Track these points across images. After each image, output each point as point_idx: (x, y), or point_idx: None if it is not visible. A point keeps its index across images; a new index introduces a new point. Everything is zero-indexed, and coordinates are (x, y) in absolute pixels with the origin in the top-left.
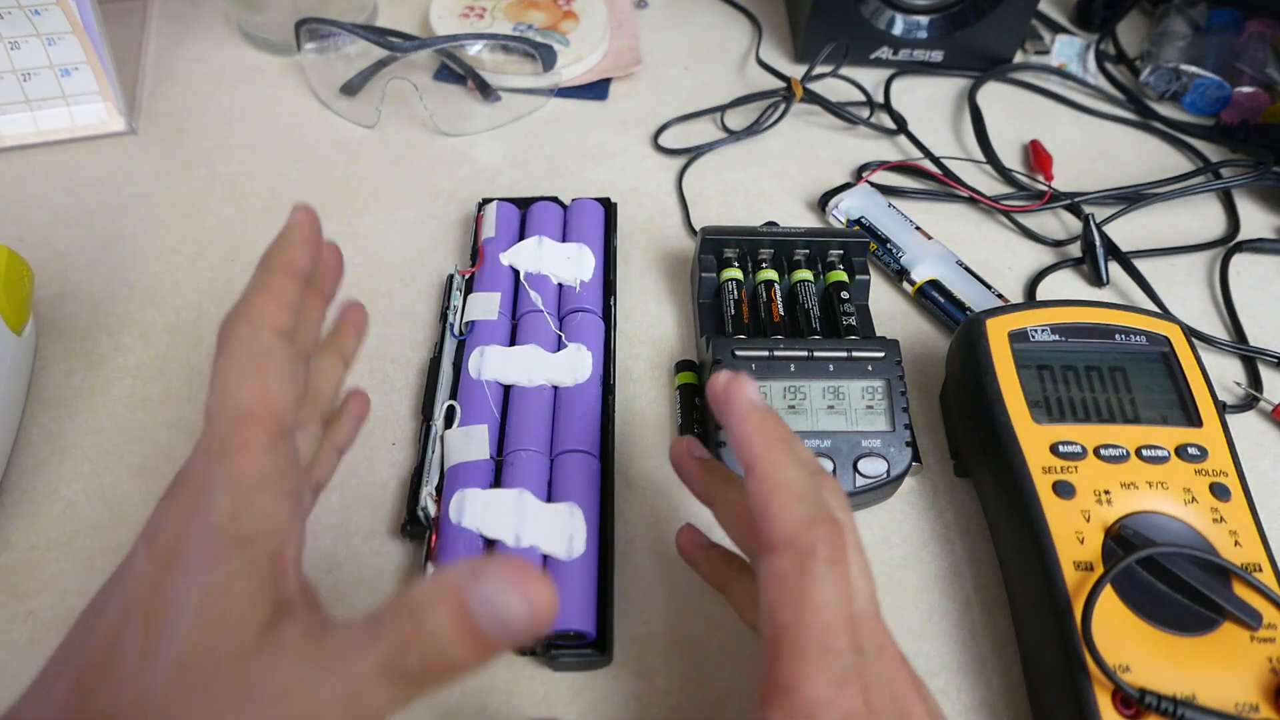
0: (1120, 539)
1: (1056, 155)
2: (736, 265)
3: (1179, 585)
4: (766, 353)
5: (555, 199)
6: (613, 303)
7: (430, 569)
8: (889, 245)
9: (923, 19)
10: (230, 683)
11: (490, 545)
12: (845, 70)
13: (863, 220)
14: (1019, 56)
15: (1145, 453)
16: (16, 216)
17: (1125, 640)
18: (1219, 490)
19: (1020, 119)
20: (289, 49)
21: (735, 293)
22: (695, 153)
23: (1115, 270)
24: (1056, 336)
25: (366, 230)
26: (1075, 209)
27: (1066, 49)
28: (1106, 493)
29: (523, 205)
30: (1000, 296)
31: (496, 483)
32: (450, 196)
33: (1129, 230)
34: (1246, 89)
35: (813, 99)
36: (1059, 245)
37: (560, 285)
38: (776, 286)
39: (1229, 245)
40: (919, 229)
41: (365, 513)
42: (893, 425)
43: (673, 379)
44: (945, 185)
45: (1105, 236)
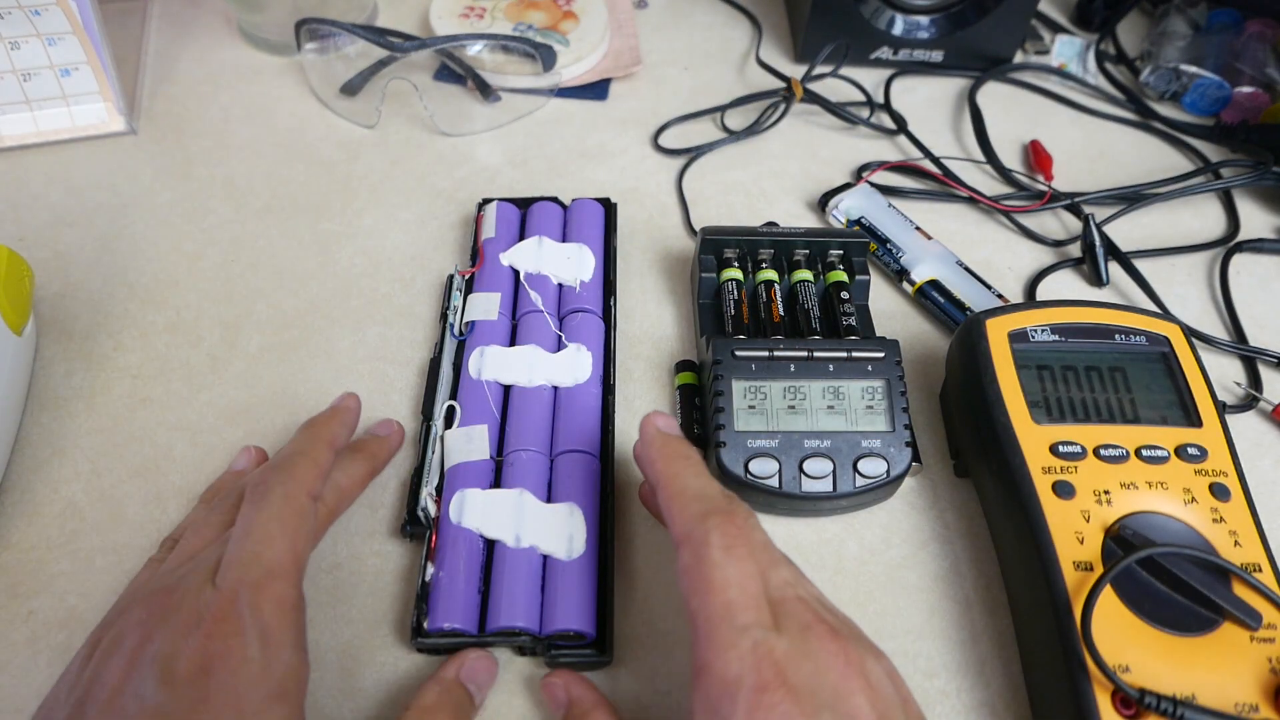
0: (1120, 539)
1: (1056, 155)
2: (736, 265)
3: (1179, 585)
4: (766, 353)
5: (555, 199)
6: (613, 303)
7: (430, 569)
8: (889, 245)
9: (923, 19)
10: None
11: (490, 545)
12: (845, 70)
13: (863, 220)
14: (1019, 56)
15: (1145, 453)
16: (16, 216)
17: (1125, 640)
18: (1219, 490)
19: (1020, 119)
20: (289, 49)
21: (735, 293)
22: (695, 153)
23: (1115, 270)
24: (1056, 337)
25: (366, 230)
26: (1075, 209)
27: (1066, 49)
28: (1106, 493)
29: (523, 205)
30: (1000, 296)
31: (496, 483)
32: (450, 196)
33: (1129, 230)
34: (1246, 89)
35: (813, 99)
36: (1059, 245)
37: (560, 285)
38: (776, 286)
39: (1229, 245)
40: (919, 229)
41: (365, 513)
42: (893, 425)
43: (673, 379)
44: (945, 185)
45: (1105, 236)
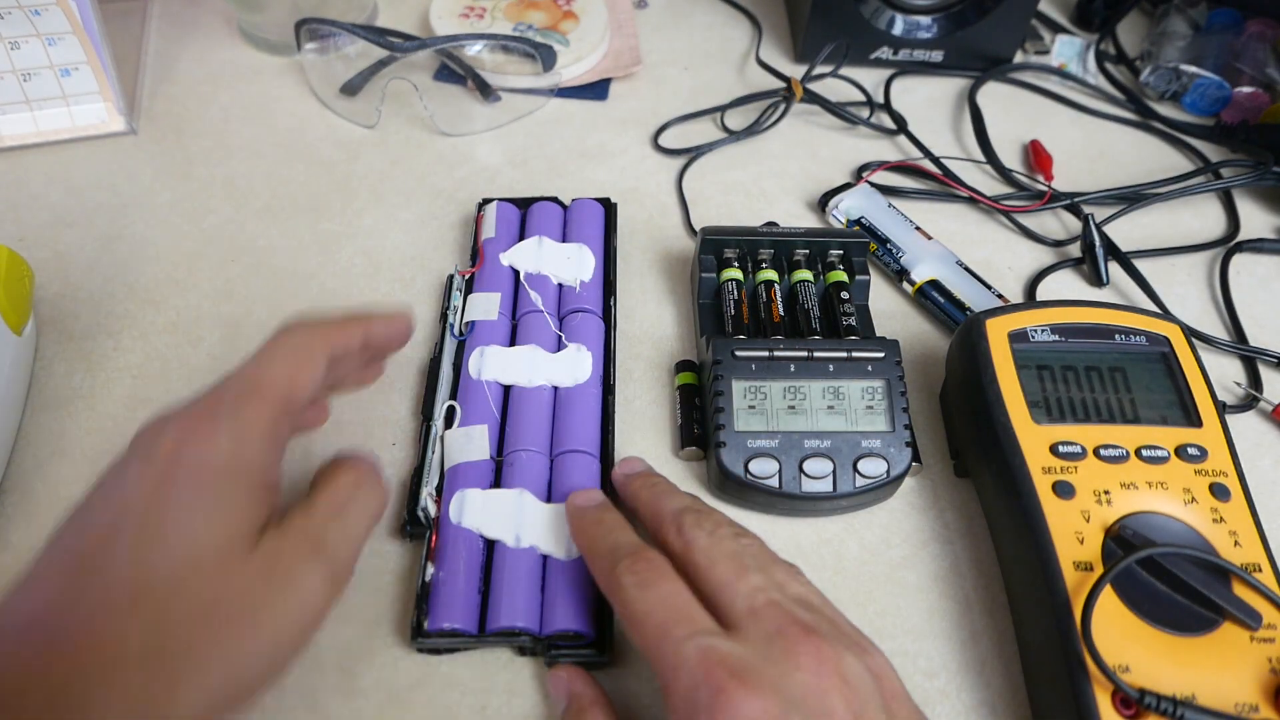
0: (1120, 539)
1: (1056, 155)
2: (736, 265)
3: (1179, 585)
4: (766, 353)
5: (555, 199)
6: (613, 303)
7: (430, 569)
8: (889, 245)
9: (923, 19)
10: (252, 567)
11: (490, 545)
12: (845, 70)
13: (863, 220)
14: (1019, 56)
15: (1145, 453)
16: (16, 216)
17: (1125, 640)
18: (1219, 490)
19: (1020, 119)
20: (289, 49)
21: (735, 293)
22: (695, 153)
23: (1115, 270)
24: (1056, 337)
25: (366, 230)
26: (1075, 209)
27: (1066, 49)
28: (1106, 493)
29: (523, 205)
30: (1000, 296)
31: (496, 483)
32: (450, 196)
33: (1129, 230)
34: (1246, 89)
35: (813, 99)
36: (1059, 245)
37: (560, 285)
38: (776, 287)
39: (1229, 245)
40: (919, 229)
41: None
42: (893, 425)
43: (673, 379)
44: (945, 185)
45: (1105, 236)
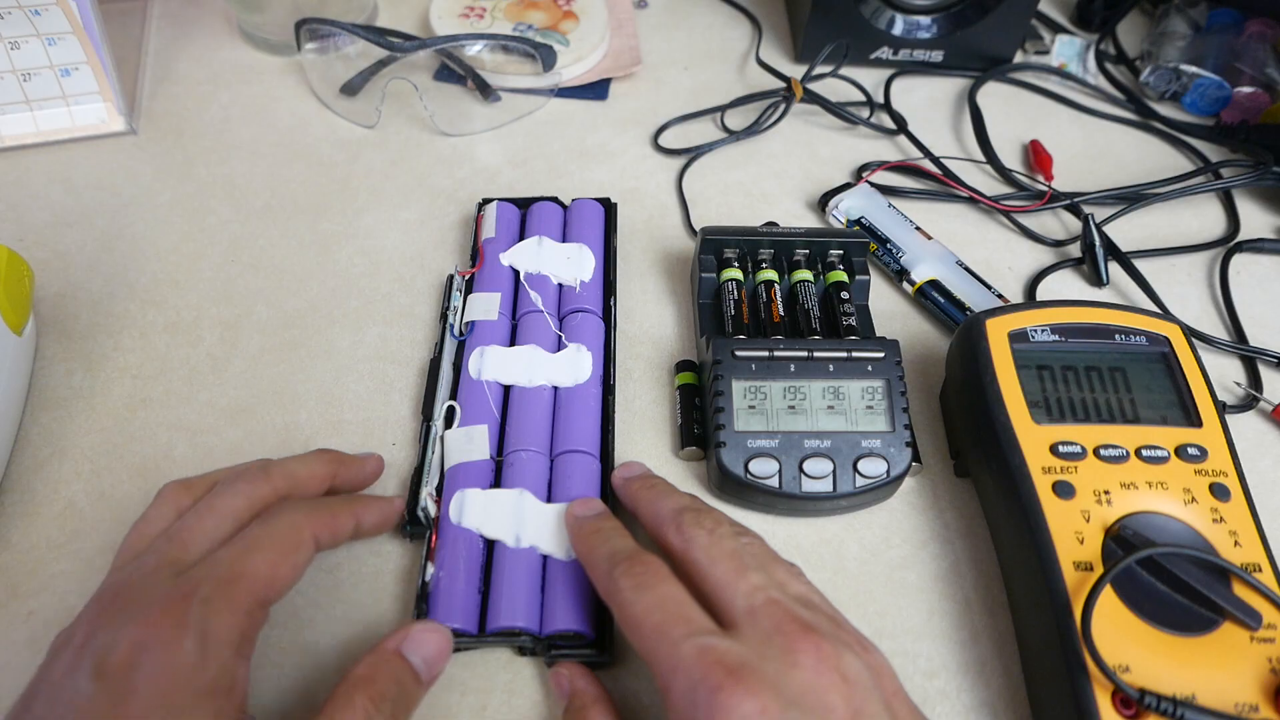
0: (1120, 539)
1: (1056, 155)
2: (736, 265)
3: (1179, 585)
4: (766, 353)
5: (555, 199)
6: (613, 303)
7: (430, 569)
8: (889, 245)
9: (923, 19)
10: None
11: (490, 545)
12: (845, 70)
13: (863, 220)
14: (1019, 56)
15: (1145, 453)
16: (16, 216)
17: (1125, 640)
18: (1219, 490)
19: (1020, 119)
20: (289, 49)
21: (735, 293)
22: (695, 153)
23: (1115, 270)
24: (1056, 337)
25: (366, 230)
26: (1075, 209)
27: (1066, 49)
28: (1106, 493)
29: (523, 205)
30: (1000, 296)
31: (496, 483)
32: (450, 196)
33: (1129, 230)
34: (1246, 89)
35: (813, 99)
36: (1059, 245)
37: (560, 285)
38: (776, 286)
39: (1229, 245)
40: (919, 229)
41: None
42: (893, 425)
43: (673, 379)
44: (945, 185)
45: (1105, 236)
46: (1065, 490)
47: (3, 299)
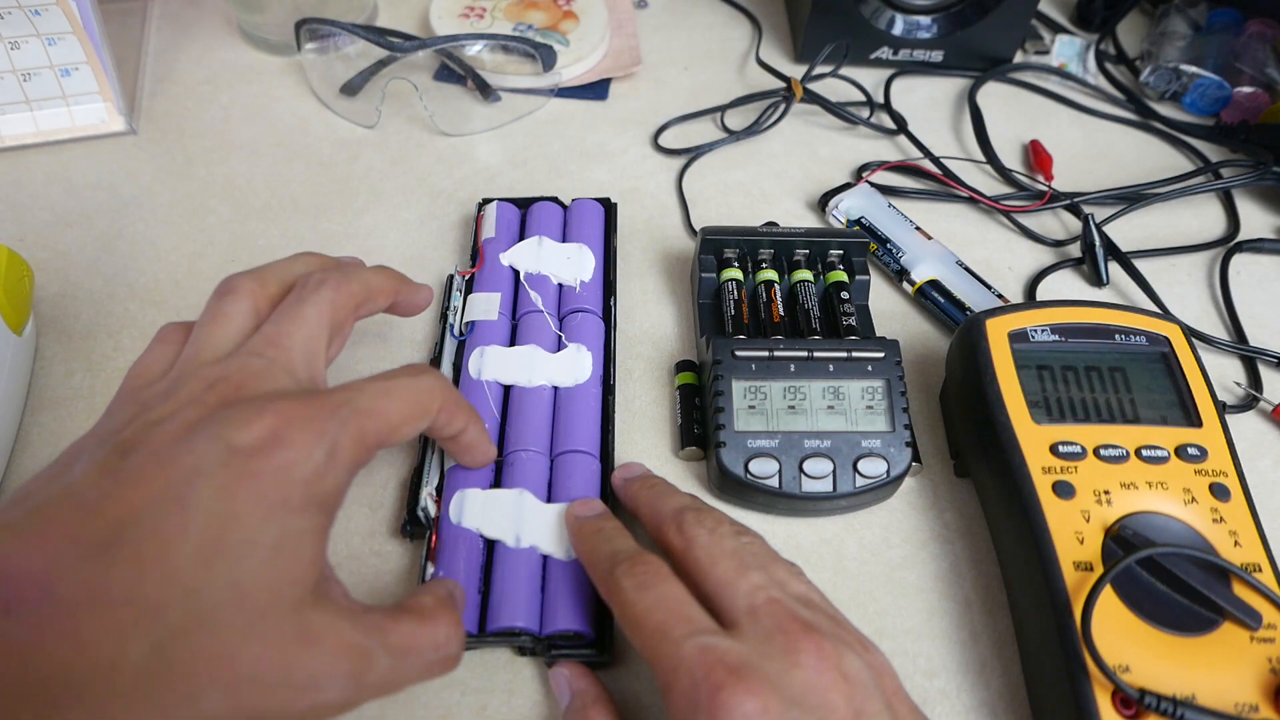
0: (1120, 539)
1: (1056, 155)
2: (736, 265)
3: (1179, 585)
4: (766, 353)
5: (555, 199)
6: (613, 303)
7: (430, 569)
8: (889, 245)
9: (923, 19)
10: (290, 627)
11: (490, 545)
12: (845, 70)
13: (863, 220)
14: (1019, 56)
15: (1145, 453)
16: (16, 216)
17: (1125, 640)
18: (1219, 490)
19: (1020, 119)
20: (289, 49)
21: (735, 293)
22: (695, 153)
23: (1115, 270)
24: (1056, 337)
25: (366, 230)
26: (1075, 209)
27: (1066, 49)
28: (1106, 493)
29: (523, 205)
30: (1000, 296)
31: (496, 483)
32: (450, 196)
33: (1129, 230)
34: (1246, 89)
35: (813, 99)
36: (1059, 245)
37: (560, 285)
38: (776, 286)
39: (1229, 245)
40: (919, 229)
41: (365, 513)
42: (893, 425)
43: (673, 379)
44: (945, 185)
45: (1105, 236)
46: (1065, 490)
47: (3, 299)
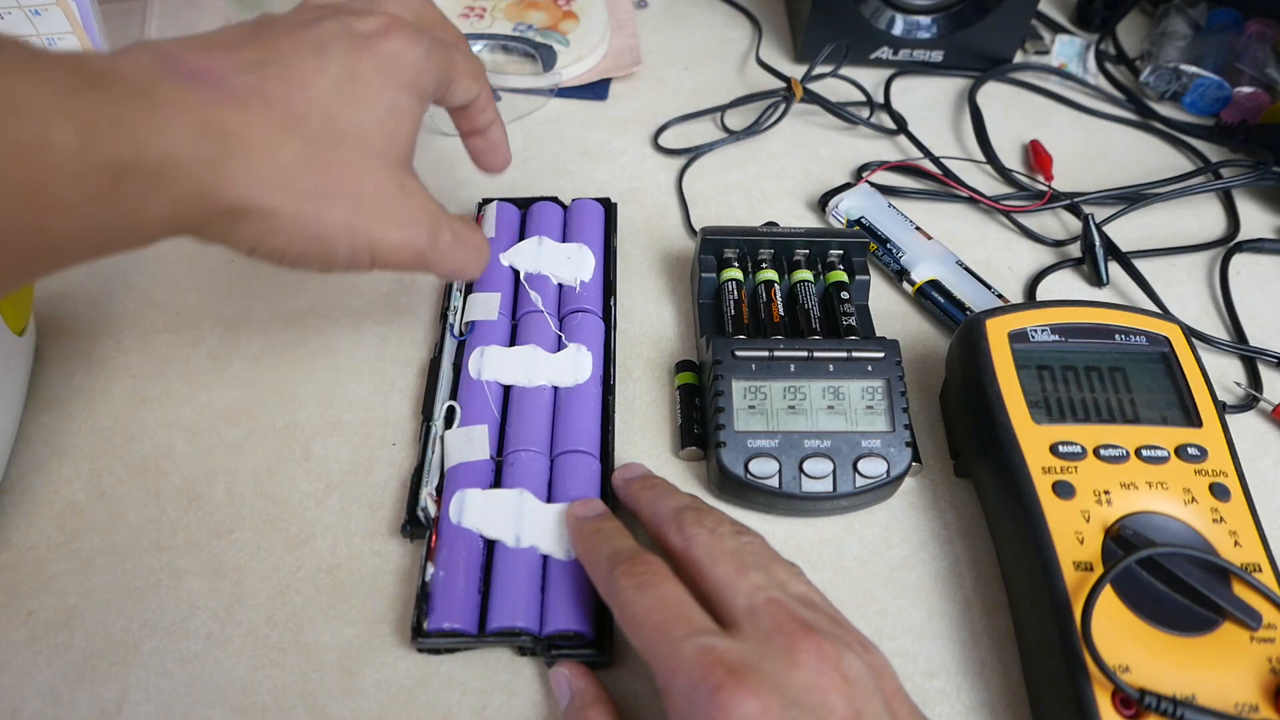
0: (1120, 539)
1: (1056, 155)
2: (736, 265)
3: (1179, 585)
4: (766, 353)
5: (555, 199)
6: (613, 303)
7: (430, 569)
8: (889, 245)
9: (923, 19)
10: (394, 175)
11: (490, 545)
12: (845, 70)
13: (863, 220)
14: (1019, 56)
15: (1145, 453)
16: None
17: (1125, 640)
18: (1219, 490)
19: (1020, 119)
20: None
21: (735, 293)
22: (695, 153)
23: (1115, 270)
24: (1056, 337)
25: None
26: (1075, 209)
27: (1066, 49)
28: (1106, 493)
29: (523, 205)
30: (1000, 296)
31: (496, 483)
32: (450, 196)
33: (1129, 230)
34: (1246, 89)
35: (813, 99)
36: (1059, 245)
37: (560, 285)
38: (776, 286)
39: (1229, 245)
40: (919, 229)
41: (365, 513)
42: (893, 425)
43: (673, 379)
44: (945, 185)
45: (1105, 236)
46: (1065, 490)
47: (3, 299)
